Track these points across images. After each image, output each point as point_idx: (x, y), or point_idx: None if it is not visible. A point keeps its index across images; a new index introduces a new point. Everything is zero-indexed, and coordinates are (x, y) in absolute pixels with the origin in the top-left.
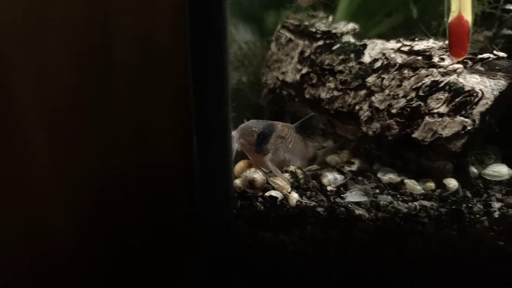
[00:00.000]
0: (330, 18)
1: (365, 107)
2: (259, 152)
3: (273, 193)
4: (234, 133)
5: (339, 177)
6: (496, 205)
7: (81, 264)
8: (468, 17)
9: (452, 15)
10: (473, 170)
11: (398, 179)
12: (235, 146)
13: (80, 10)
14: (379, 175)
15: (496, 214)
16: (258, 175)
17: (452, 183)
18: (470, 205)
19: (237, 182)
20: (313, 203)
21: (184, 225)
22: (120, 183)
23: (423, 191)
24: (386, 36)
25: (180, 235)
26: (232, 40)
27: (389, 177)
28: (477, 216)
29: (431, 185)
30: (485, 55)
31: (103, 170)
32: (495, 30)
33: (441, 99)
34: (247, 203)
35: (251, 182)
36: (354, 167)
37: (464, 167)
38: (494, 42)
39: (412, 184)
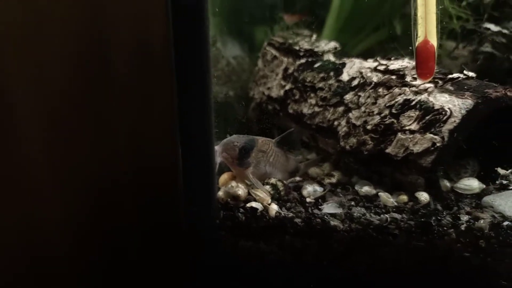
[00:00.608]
0: (314, 36)
1: (343, 123)
2: (241, 166)
3: (254, 204)
4: (217, 148)
5: (319, 189)
6: (465, 218)
7: (79, 266)
8: (434, 41)
9: (419, 40)
10: (446, 183)
11: (374, 191)
12: (218, 159)
13: (77, 17)
14: (356, 187)
15: (463, 227)
16: (241, 191)
17: (423, 196)
18: (439, 217)
19: (221, 193)
20: (291, 214)
21: (171, 232)
22: (117, 186)
23: (396, 204)
24: (372, 51)
25: (167, 242)
26: (220, 55)
27: (365, 189)
28: (445, 228)
29: (404, 198)
30: (455, 75)
31: (101, 173)
32: (475, 46)
33: (412, 116)
34: (229, 213)
35: (234, 197)
36: (333, 180)
37: (434, 181)
38: (474, 58)
39: (385, 197)
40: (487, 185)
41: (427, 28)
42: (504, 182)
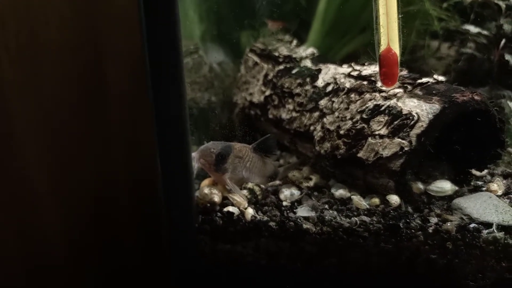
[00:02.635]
0: (294, 42)
1: (318, 127)
2: (218, 171)
3: (230, 208)
4: (194, 154)
5: (296, 193)
6: (434, 220)
7: (76, 276)
8: (396, 49)
9: (381, 47)
10: (419, 186)
11: (348, 194)
12: (196, 165)
13: (71, 31)
14: (332, 190)
15: (430, 229)
16: (217, 197)
17: (394, 199)
18: (408, 220)
19: (200, 197)
20: (266, 218)
21: (152, 236)
22: (113, 196)
23: (368, 207)
24: (357, 55)
25: (149, 246)
26: (203, 62)
27: (340, 193)
28: (413, 230)
29: (376, 200)
30: (424, 80)
31: (97, 184)
32: (457, 47)
33: (382, 121)
34: (208, 217)
35: (210, 203)
36: (311, 183)
37: (405, 184)
38: (456, 59)
39: (357, 200)
40: (460, 187)
41: (389, 36)
42: (479, 183)
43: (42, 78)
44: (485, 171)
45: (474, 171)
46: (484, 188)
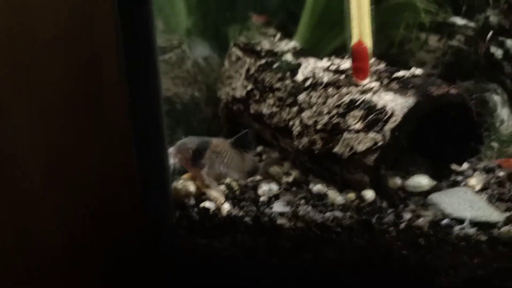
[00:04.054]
0: (278, 35)
1: (297, 122)
2: (195, 166)
3: (207, 204)
4: (171, 150)
5: (275, 188)
6: (408, 216)
7: (75, 276)
8: (368, 42)
9: (353, 41)
10: (396, 181)
11: (326, 189)
12: (174, 161)
13: (66, 29)
14: (310, 186)
15: (403, 225)
16: (192, 187)
17: (369, 194)
18: (381, 215)
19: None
20: (241, 213)
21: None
22: (112, 194)
23: (343, 202)
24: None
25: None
26: (186, 57)
27: (318, 188)
28: (385, 226)
29: (352, 196)
30: (401, 74)
31: (95, 182)
32: (444, 40)
33: (357, 116)
34: (185, 213)
35: (187, 195)
36: (290, 178)
37: (379, 179)
38: (444, 51)
39: (333, 195)
40: (439, 182)
41: (361, 30)
42: (459, 178)
43: (36, 76)
44: (467, 165)
45: (454, 166)
46: (463, 183)
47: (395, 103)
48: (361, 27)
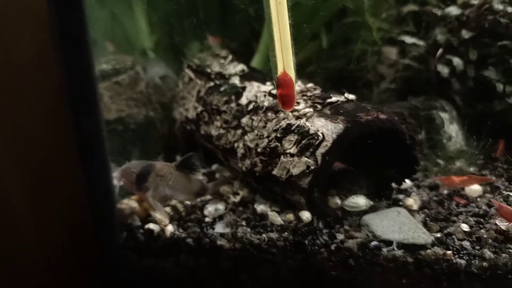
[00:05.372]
0: (229, 57)
1: (241, 145)
2: (139, 190)
3: (151, 226)
4: (115, 174)
5: (221, 208)
6: (341, 237)
7: None
8: (292, 73)
9: (279, 72)
10: (336, 201)
11: (269, 210)
12: (119, 184)
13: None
14: (255, 206)
15: (333, 246)
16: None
17: (305, 215)
18: (314, 236)
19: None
20: (184, 235)
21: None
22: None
23: (282, 222)
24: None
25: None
26: (140, 78)
27: (261, 208)
28: (317, 247)
29: (291, 216)
30: (334, 99)
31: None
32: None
33: (292, 140)
34: (131, 234)
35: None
36: (238, 198)
37: (314, 201)
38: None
39: (273, 216)
40: (378, 202)
41: (284, 62)
42: (401, 197)
43: (15, 95)
44: (411, 183)
45: (395, 185)
46: (400, 203)
47: (326, 129)
48: (284, 60)
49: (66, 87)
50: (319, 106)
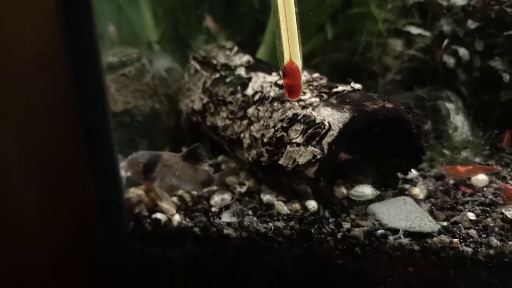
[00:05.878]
0: (235, 49)
1: (247, 135)
2: (146, 180)
3: (158, 215)
4: (123, 164)
5: (228, 198)
6: (347, 225)
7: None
8: (298, 62)
9: (285, 62)
10: (342, 190)
11: (275, 199)
12: (125, 174)
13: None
14: (261, 196)
15: (339, 235)
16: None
17: (311, 204)
18: (321, 225)
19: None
20: (191, 224)
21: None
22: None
23: (288, 212)
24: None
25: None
26: (146, 70)
27: (267, 198)
28: (323, 236)
29: (297, 206)
30: (340, 89)
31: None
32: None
33: (298, 130)
34: (138, 224)
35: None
36: (244, 188)
37: (320, 190)
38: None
39: (279, 205)
40: (384, 191)
41: (291, 50)
42: (407, 186)
43: (20, 91)
44: (417, 173)
45: (401, 175)
46: (407, 192)
47: (333, 118)
48: (291, 48)
49: (73, 79)
50: (325, 96)
